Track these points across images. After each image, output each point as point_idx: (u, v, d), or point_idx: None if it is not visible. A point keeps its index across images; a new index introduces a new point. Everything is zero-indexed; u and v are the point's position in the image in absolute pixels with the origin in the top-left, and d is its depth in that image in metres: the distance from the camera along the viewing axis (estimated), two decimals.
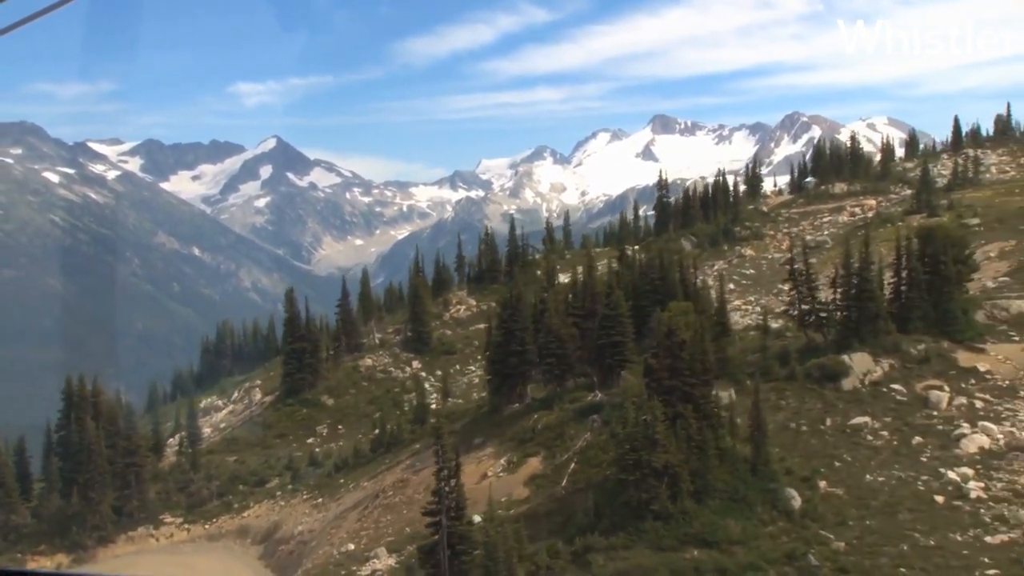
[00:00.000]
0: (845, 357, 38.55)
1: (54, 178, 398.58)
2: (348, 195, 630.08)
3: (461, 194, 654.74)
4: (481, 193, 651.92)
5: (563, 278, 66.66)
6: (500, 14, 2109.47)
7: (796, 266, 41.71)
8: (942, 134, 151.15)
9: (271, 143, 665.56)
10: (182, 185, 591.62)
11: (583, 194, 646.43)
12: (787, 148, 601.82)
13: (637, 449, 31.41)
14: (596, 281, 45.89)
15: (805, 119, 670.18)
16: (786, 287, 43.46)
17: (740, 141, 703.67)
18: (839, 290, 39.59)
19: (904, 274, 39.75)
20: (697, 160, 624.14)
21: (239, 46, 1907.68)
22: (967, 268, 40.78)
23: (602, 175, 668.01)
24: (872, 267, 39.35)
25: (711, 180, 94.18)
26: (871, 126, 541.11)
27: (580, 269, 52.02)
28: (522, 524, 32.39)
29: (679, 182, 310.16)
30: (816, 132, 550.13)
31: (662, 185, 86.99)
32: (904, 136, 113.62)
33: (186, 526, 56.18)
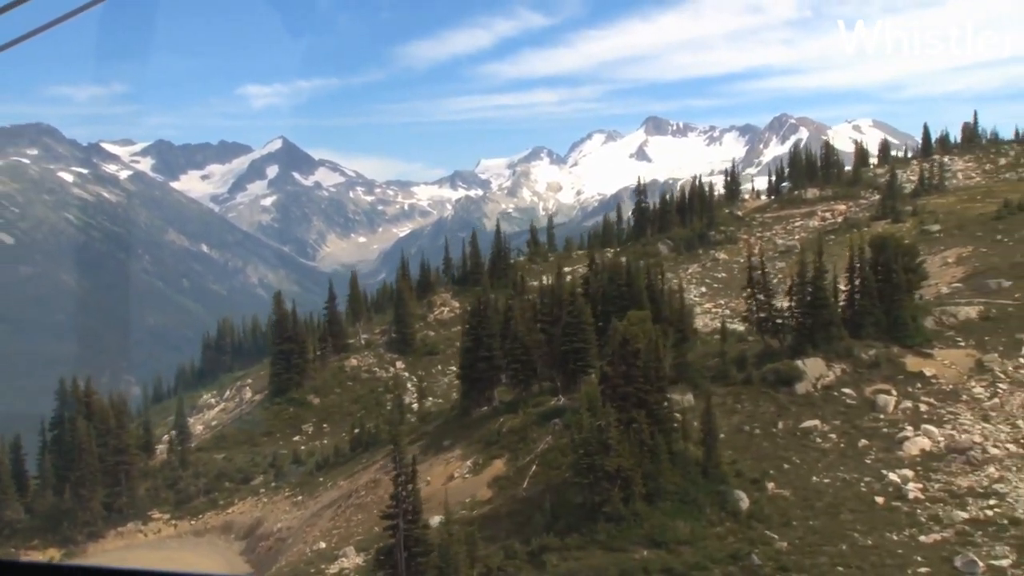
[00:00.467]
0: (799, 362, 39.46)
1: (69, 178, 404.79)
2: (351, 194, 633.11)
3: (461, 193, 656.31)
4: (480, 192, 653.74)
5: (546, 280, 67.67)
6: (498, 19, 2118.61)
7: (755, 273, 42.85)
8: None
9: (277, 144, 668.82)
10: (191, 184, 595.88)
11: (579, 193, 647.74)
12: (775, 149, 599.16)
13: (591, 453, 32.24)
14: (563, 288, 46.89)
15: (793, 121, 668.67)
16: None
17: (730, 142, 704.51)
18: (795, 298, 40.73)
19: (857, 282, 40.91)
20: (689, 161, 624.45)
21: (246, 50, 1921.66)
22: (917, 276, 41.90)
23: (597, 175, 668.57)
24: (826, 275, 40.45)
25: (703, 180, 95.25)
26: (856, 128, 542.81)
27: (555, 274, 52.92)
28: (477, 526, 33.33)
29: (671, 181, 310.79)
30: (804, 134, 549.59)
31: (639, 191, 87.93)
32: (890, 138, 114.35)
33: (173, 522, 57.35)
